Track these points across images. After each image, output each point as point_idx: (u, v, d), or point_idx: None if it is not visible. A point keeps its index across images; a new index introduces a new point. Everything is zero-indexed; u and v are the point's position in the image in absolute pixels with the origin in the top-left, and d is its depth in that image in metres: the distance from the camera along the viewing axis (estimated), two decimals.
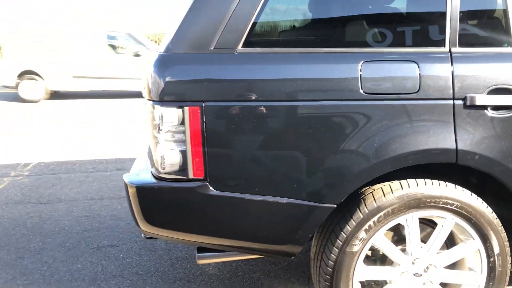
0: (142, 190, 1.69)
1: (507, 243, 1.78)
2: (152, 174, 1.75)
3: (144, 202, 1.70)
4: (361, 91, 1.60)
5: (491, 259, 1.78)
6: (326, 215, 1.68)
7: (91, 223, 3.18)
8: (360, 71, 1.61)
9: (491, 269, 1.79)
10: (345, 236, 1.70)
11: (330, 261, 1.73)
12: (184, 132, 1.61)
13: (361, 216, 1.68)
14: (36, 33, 9.90)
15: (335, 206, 1.67)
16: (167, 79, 1.61)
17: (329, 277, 1.74)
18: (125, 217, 3.27)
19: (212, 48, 1.63)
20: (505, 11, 1.72)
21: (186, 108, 1.59)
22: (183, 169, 1.64)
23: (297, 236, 1.71)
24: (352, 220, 1.69)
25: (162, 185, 1.67)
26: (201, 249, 1.92)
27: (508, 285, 1.87)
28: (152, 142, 1.73)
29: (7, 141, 5.92)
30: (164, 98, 1.61)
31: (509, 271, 1.82)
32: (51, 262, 2.63)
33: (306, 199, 1.66)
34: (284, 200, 1.66)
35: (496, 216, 1.76)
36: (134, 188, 1.70)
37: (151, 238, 2.02)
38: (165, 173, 1.67)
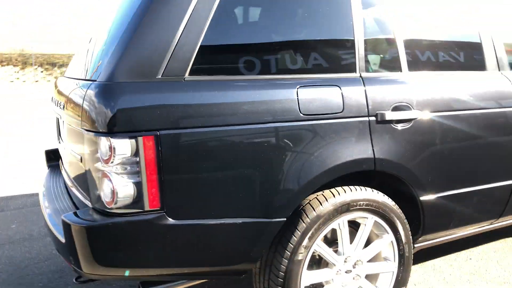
0: (92, 229, 1.57)
1: (409, 233, 2.14)
2: (96, 210, 1.64)
3: (94, 242, 1.58)
4: (300, 113, 1.78)
5: (400, 248, 2.12)
6: (278, 229, 1.79)
7: None
8: (297, 94, 1.78)
9: (401, 256, 2.13)
10: (292, 246, 1.83)
11: (280, 272, 1.84)
12: (137, 162, 1.56)
13: (304, 225, 1.84)
14: None
15: (285, 219, 1.80)
16: (117, 109, 1.54)
17: (280, 287, 1.85)
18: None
19: (160, 76, 1.63)
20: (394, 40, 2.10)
21: (140, 138, 1.55)
22: (137, 201, 1.58)
23: (252, 254, 1.78)
24: (297, 230, 1.84)
25: (116, 221, 1.57)
26: (145, 283, 1.84)
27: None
28: (94, 176, 1.62)
29: None
30: (114, 129, 1.54)
31: (412, 255, 2.18)
32: None
33: (260, 217, 1.75)
34: (240, 220, 1.72)
35: (401, 212, 2.11)
36: (82, 228, 1.56)
37: (86, 281, 1.87)
38: (117, 208, 1.58)
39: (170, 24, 1.65)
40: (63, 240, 1.68)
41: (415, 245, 2.27)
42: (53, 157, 2.88)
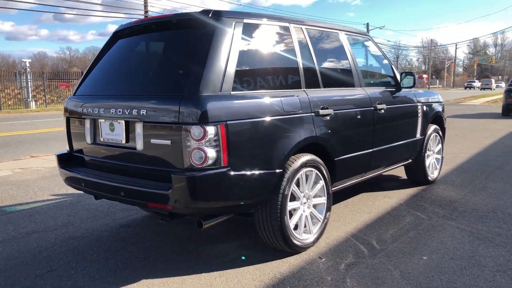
0: (196, 178, 2.73)
1: (330, 180, 3.74)
2: (189, 170, 2.78)
3: (197, 186, 2.74)
4: (283, 111, 3.23)
5: (327, 188, 3.70)
6: (279, 176, 3.18)
7: None
8: (281, 101, 3.24)
9: (327, 193, 3.71)
10: (283, 187, 3.23)
11: (278, 204, 3.21)
12: (217, 139, 2.79)
13: (288, 175, 3.26)
14: None
15: (282, 170, 3.20)
16: (207, 109, 2.76)
17: (278, 215, 3.22)
18: None
19: (220, 91, 2.90)
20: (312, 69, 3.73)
21: (219, 126, 2.79)
22: (216, 161, 2.80)
23: (268, 190, 3.13)
24: (284, 178, 3.24)
25: (208, 173, 2.77)
26: (200, 221, 3.03)
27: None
28: (185, 151, 2.79)
29: None
30: (205, 120, 2.75)
31: (331, 193, 3.78)
32: None
33: (272, 169, 3.13)
34: (265, 171, 3.07)
35: (326, 168, 3.69)
36: (191, 178, 2.72)
37: (171, 218, 2.97)
38: (206, 166, 2.78)
39: (221, 59, 2.94)
40: (165, 192, 2.78)
41: (332, 189, 3.90)
42: (65, 160, 3.67)
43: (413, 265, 3.22)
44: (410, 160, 5.25)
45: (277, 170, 3.16)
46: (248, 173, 2.98)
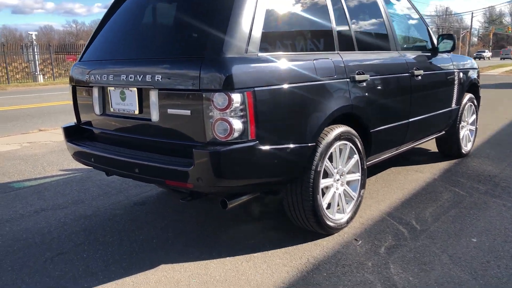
0: (221, 153, 2.38)
1: (365, 154, 3.37)
2: (211, 144, 2.43)
3: (223, 162, 2.39)
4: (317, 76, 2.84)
5: (361, 163, 3.34)
6: (311, 150, 2.82)
7: None
8: (314, 65, 2.84)
9: (362, 169, 3.35)
10: (316, 162, 2.87)
11: (310, 182, 2.85)
12: (244, 109, 2.42)
13: (321, 149, 2.90)
14: None
15: (315, 144, 2.84)
16: (232, 73, 2.38)
17: (310, 193, 2.87)
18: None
19: (245, 53, 2.51)
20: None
21: (245, 92, 2.42)
22: (243, 134, 2.44)
23: (300, 166, 2.78)
24: (317, 153, 2.88)
25: (234, 147, 2.41)
26: (225, 201, 2.69)
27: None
28: (207, 122, 2.43)
29: None
30: (230, 87, 2.38)
31: (366, 169, 3.42)
32: None
33: (305, 142, 2.76)
34: (297, 145, 2.70)
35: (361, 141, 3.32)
36: (216, 153, 2.37)
37: (192, 198, 2.64)
38: (231, 140, 2.42)
39: (247, 16, 2.53)
40: (186, 169, 2.44)
41: (367, 163, 3.53)
42: (72, 133, 3.34)
43: (462, 248, 2.87)
44: (444, 132, 4.85)
45: (310, 144, 2.80)
46: (278, 147, 2.62)
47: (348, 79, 3.09)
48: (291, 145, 2.69)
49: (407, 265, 2.68)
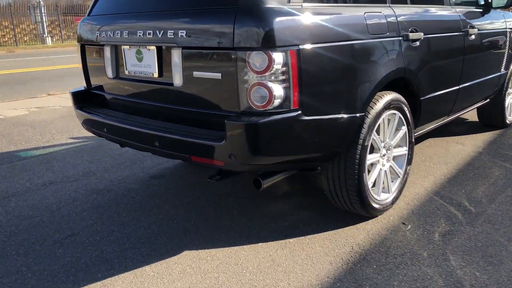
0: (258, 126, 1.97)
1: (412, 123, 2.94)
2: (247, 113, 2.03)
3: (260, 136, 2.00)
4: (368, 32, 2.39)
5: (409, 136, 2.91)
6: (359, 122, 2.40)
7: None
8: (365, 20, 2.38)
9: (409, 142, 2.93)
10: (363, 135, 2.46)
11: (356, 158, 2.45)
12: (286, 72, 1.99)
13: (369, 120, 2.48)
14: None
15: (364, 114, 2.42)
16: (273, 27, 1.95)
17: (356, 171, 2.47)
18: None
19: (288, 3, 2.06)
20: None
21: (288, 51, 1.99)
22: (284, 103, 2.03)
23: (345, 141, 2.37)
24: (365, 124, 2.46)
25: (274, 118, 2.01)
26: (258, 180, 2.31)
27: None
28: (242, 87, 2.01)
29: None
30: (270, 44, 1.95)
31: (413, 140, 3.00)
32: None
33: (354, 113, 2.34)
34: (345, 115, 2.29)
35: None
36: (251, 125, 1.96)
37: (221, 177, 2.27)
38: (271, 109, 2.01)
39: None
40: (216, 143, 2.05)
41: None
42: (82, 99, 2.95)
43: None
44: (488, 100, 4.37)
45: (358, 114, 2.38)
46: (324, 118, 2.21)
47: (400, 38, 2.63)
48: (338, 115, 2.28)
49: (469, 256, 2.31)
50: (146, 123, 2.43)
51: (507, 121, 4.72)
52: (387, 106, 2.60)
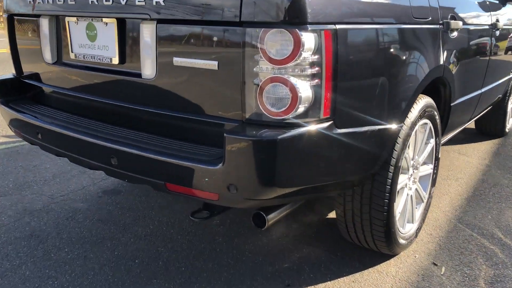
0: (280, 144, 1.30)
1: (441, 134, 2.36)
2: (256, 124, 1.36)
3: (276, 158, 1.32)
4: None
5: (436, 150, 2.33)
6: (396, 135, 1.78)
7: None
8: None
9: (436, 158, 2.35)
10: (397, 153, 1.83)
11: (387, 181, 1.82)
12: (317, 62, 1.33)
13: (404, 133, 1.85)
14: None
15: (401, 124, 1.79)
16: None
17: (385, 200, 1.84)
18: None
19: None
20: None
21: (322, 32, 1.32)
22: (312, 108, 1.37)
23: (380, 160, 1.74)
24: (400, 139, 1.84)
25: (298, 133, 1.34)
26: (258, 215, 1.64)
27: None
28: (250, 85, 1.34)
29: None
30: (297, 20, 1.28)
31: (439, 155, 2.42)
32: None
33: (395, 122, 1.72)
34: (382, 126, 1.65)
35: None
36: (264, 144, 1.29)
37: (210, 215, 1.57)
38: (293, 118, 1.34)
39: None
40: (209, 167, 1.35)
41: None
42: (8, 91, 2.15)
43: None
44: (491, 106, 3.90)
45: (396, 125, 1.76)
46: (359, 130, 1.57)
47: (441, 26, 2.03)
48: (375, 127, 1.64)
49: None
50: (99, 130, 1.69)
51: (507, 130, 4.30)
52: (422, 115, 1.99)
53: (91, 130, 1.68)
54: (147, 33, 1.52)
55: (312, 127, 1.36)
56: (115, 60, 1.66)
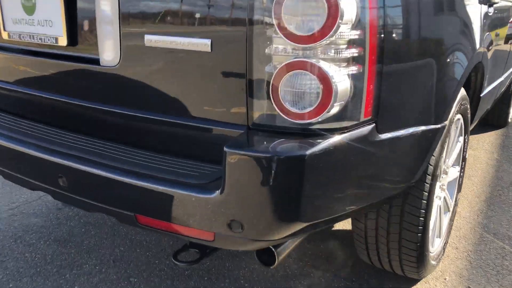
0: (309, 162, 0.87)
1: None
2: (259, 128, 0.93)
3: (305, 181, 0.89)
4: None
5: (464, 149, 1.96)
6: (440, 138, 1.38)
7: None
8: None
9: (463, 159, 1.99)
10: (435, 158, 1.44)
11: (423, 195, 1.44)
12: (360, 42, 0.91)
13: (442, 135, 1.45)
14: None
15: (445, 124, 1.40)
16: None
17: (421, 218, 1.45)
18: None
19: None
20: None
21: (367, 2, 0.90)
22: (351, 107, 0.95)
23: (422, 167, 1.34)
24: (438, 141, 1.44)
25: (334, 144, 0.91)
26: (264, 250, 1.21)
27: None
28: (260, 75, 0.91)
29: None
30: None
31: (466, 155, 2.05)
32: None
33: (437, 121, 1.31)
34: (425, 127, 1.25)
35: None
36: (296, 161, 0.86)
37: (200, 260, 1.14)
38: (325, 119, 0.92)
39: None
40: (200, 195, 0.91)
41: None
42: None
43: None
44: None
45: (440, 125, 1.36)
46: (402, 134, 1.16)
47: (481, 3, 1.63)
48: (417, 129, 1.23)
49: None
50: (43, 138, 1.22)
51: (509, 120, 4.02)
52: (458, 110, 1.60)
53: (31, 138, 1.21)
54: (108, 1, 1.05)
55: (351, 135, 0.94)
56: (63, 41, 1.19)
